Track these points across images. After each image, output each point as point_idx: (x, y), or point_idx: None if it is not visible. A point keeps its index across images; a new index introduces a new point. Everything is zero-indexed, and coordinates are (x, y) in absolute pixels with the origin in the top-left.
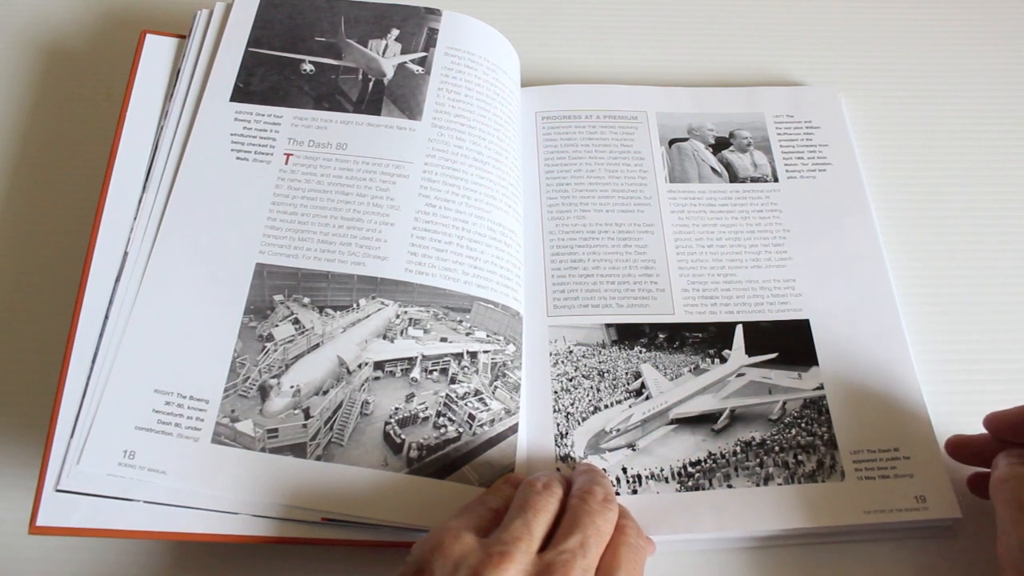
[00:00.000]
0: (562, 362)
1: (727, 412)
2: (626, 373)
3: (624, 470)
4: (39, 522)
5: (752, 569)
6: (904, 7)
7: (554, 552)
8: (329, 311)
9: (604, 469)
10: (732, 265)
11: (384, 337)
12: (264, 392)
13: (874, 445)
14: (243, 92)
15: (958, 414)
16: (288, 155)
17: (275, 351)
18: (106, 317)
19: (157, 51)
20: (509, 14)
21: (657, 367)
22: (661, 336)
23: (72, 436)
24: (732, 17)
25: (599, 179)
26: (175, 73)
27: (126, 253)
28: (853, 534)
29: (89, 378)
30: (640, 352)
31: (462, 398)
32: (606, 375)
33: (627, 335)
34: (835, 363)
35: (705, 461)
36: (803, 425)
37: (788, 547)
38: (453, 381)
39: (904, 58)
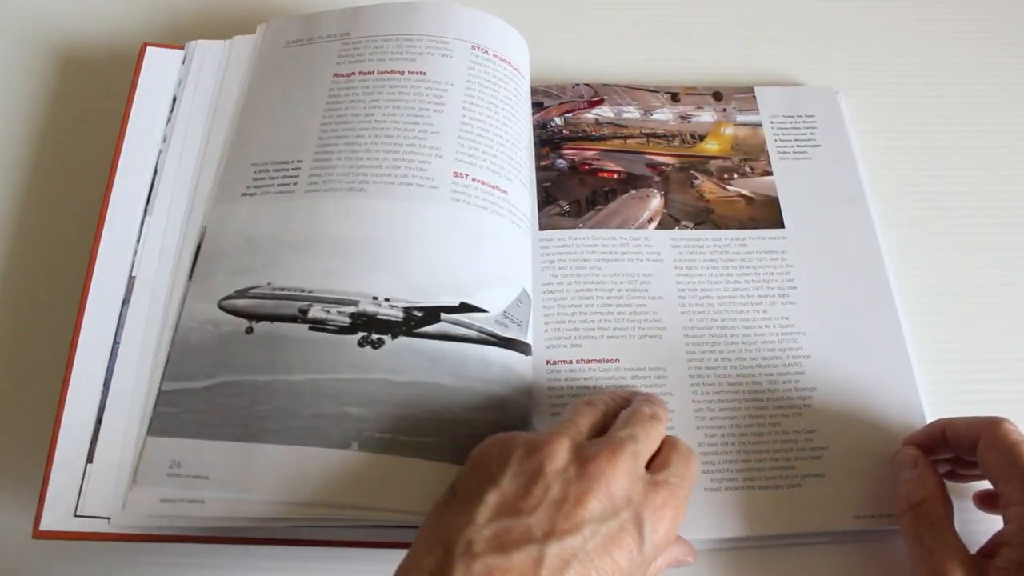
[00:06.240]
0: None
1: None
2: None
3: None
4: (42, 526)
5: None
6: (904, 7)
7: (606, 436)
8: None
9: None
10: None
11: None
12: None
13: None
14: None
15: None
16: None
17: None
18: (116, 342)
19: (157, 64)
20: (509, 14)
21: None
22: None
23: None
24: (730, 17)
25: None
26: (174, 99)
27: (132, 277)
28: (844, 534)
29: (108, 381)
30: None
31: None
32: None
33: None
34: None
35: None
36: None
37: (774, 548)
38: None
39: (904, 58)
